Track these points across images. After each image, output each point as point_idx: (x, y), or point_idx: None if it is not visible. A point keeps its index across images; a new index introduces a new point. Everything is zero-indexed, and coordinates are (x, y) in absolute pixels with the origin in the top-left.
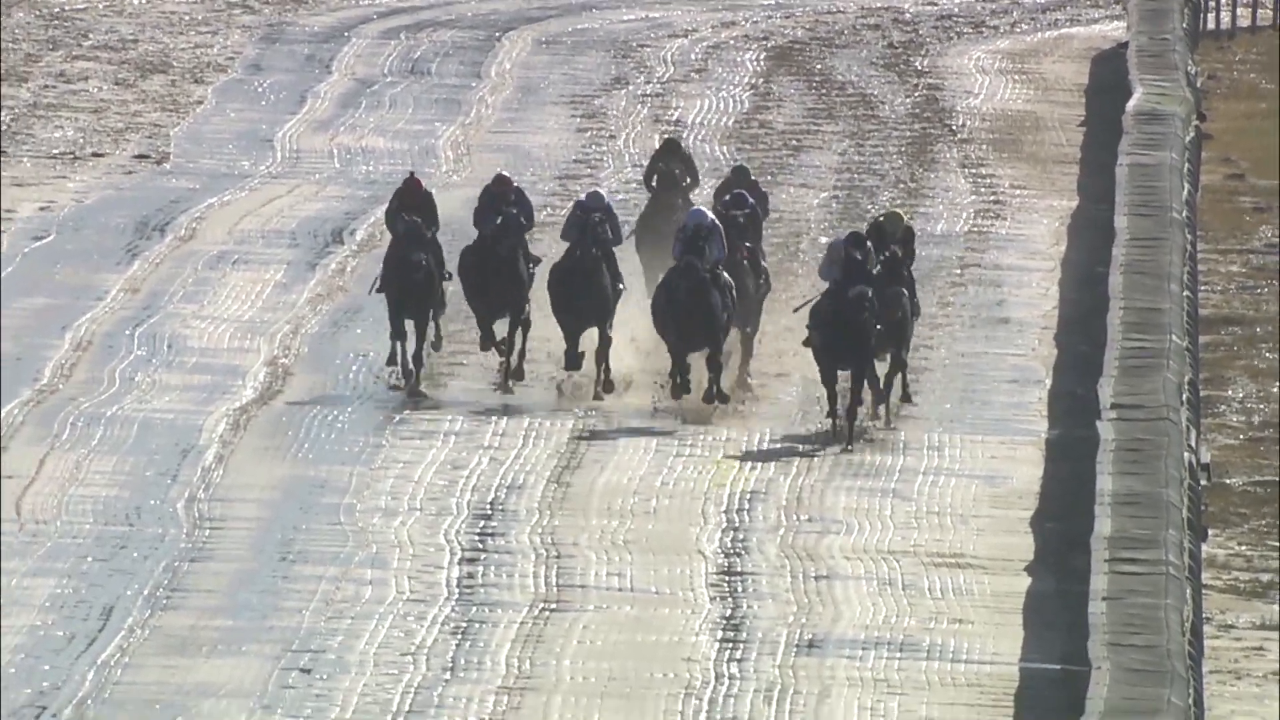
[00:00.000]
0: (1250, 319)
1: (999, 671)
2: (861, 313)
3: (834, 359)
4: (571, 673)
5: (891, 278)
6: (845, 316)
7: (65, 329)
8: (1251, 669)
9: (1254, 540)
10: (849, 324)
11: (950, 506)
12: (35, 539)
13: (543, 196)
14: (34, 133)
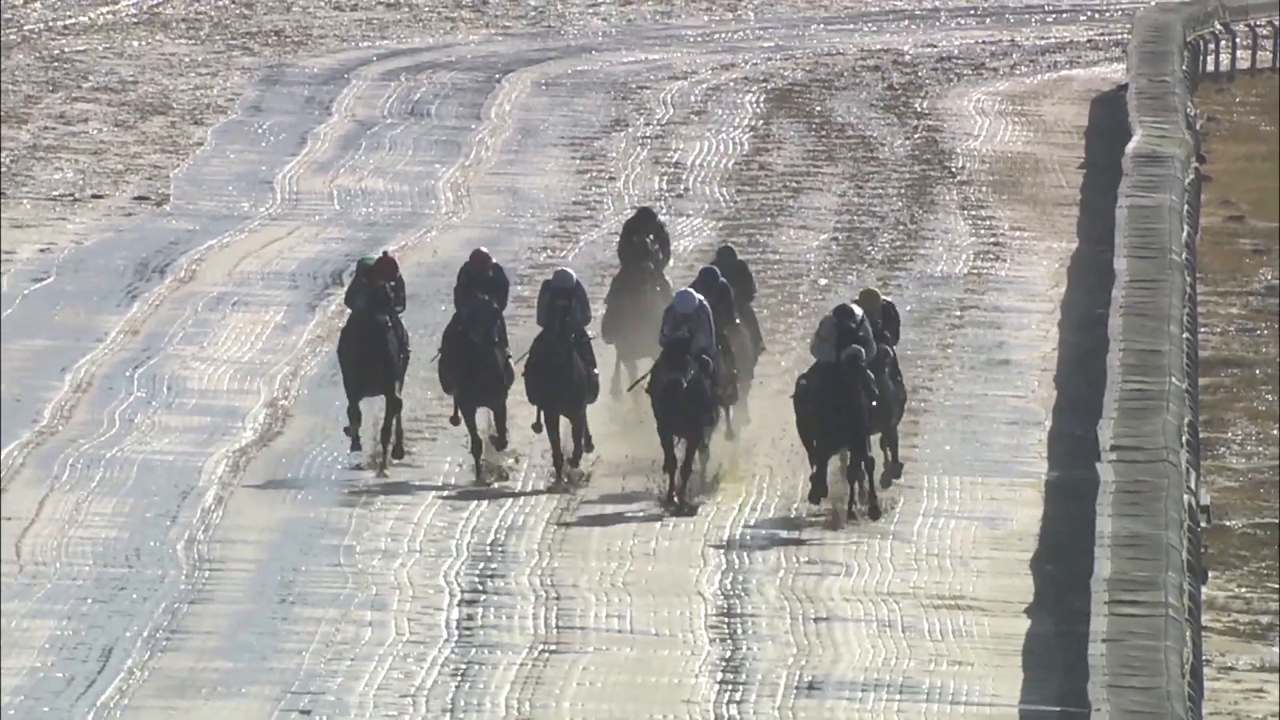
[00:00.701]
0: (1250, 361)
1: (998, 714)
2: (854, 377)
3: (825, 436)
4: (571, 714)
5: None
6: (838, 384)
7: (65, 370)
8: (1251, 711)
9: (1254, 583)
10: (841, 392)
11: (950, 548)
12: (35, 580)
13: (542, 238)
14: (34, 174)
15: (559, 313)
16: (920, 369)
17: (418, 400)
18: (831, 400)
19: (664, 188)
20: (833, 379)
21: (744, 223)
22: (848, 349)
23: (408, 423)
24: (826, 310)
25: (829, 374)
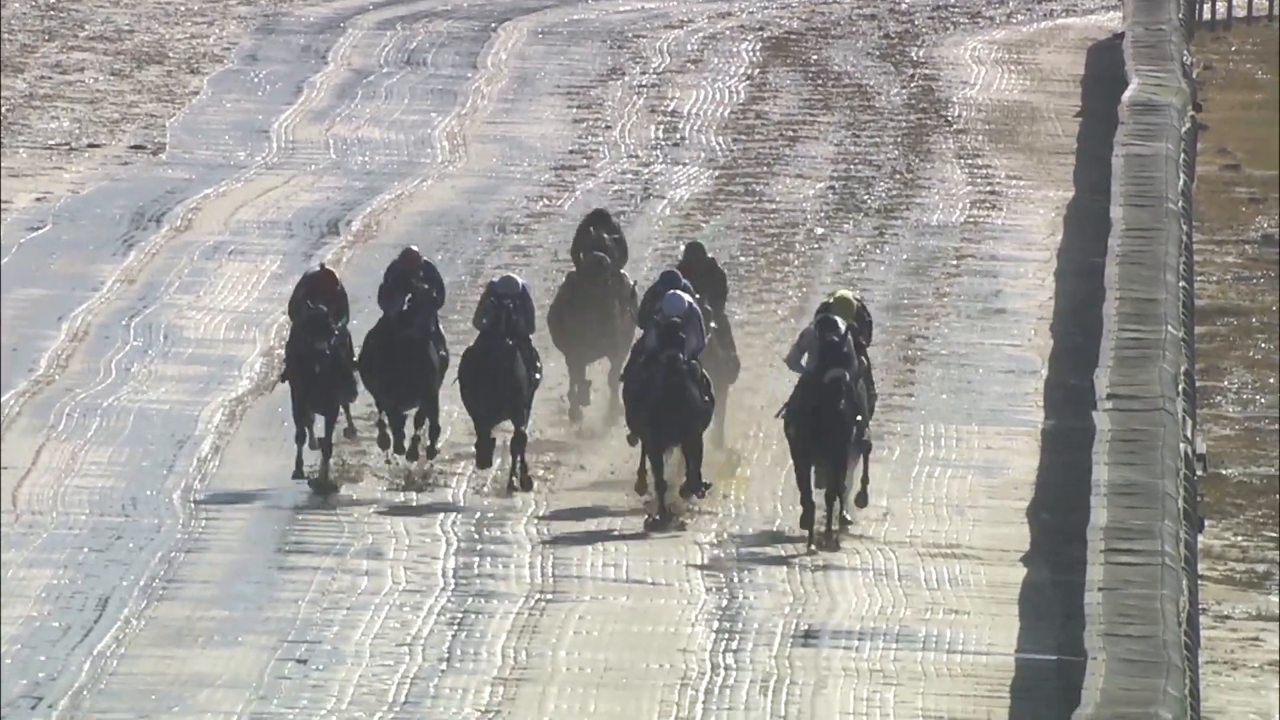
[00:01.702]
0: (1246, 310)
1: (995, 662)
2: (838, 399)
3: (810, 453)
4: (568, 663)
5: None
6: (821, 405)
7: (61, 320)
8: (1248, 660)
9: (1250, 531)
10: (826, 411)
11: (946, 497)
12: (31, 530)
13: (538, 187)
14: (30, 123)
15: (502, 313)
16: (916, 318)
17: None
18: (814, 421)
19: (660, 136)
20: (816, 400)
21: (740, 172)
22: (832, 372)
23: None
24: (819, 265)
25: (812, 394)
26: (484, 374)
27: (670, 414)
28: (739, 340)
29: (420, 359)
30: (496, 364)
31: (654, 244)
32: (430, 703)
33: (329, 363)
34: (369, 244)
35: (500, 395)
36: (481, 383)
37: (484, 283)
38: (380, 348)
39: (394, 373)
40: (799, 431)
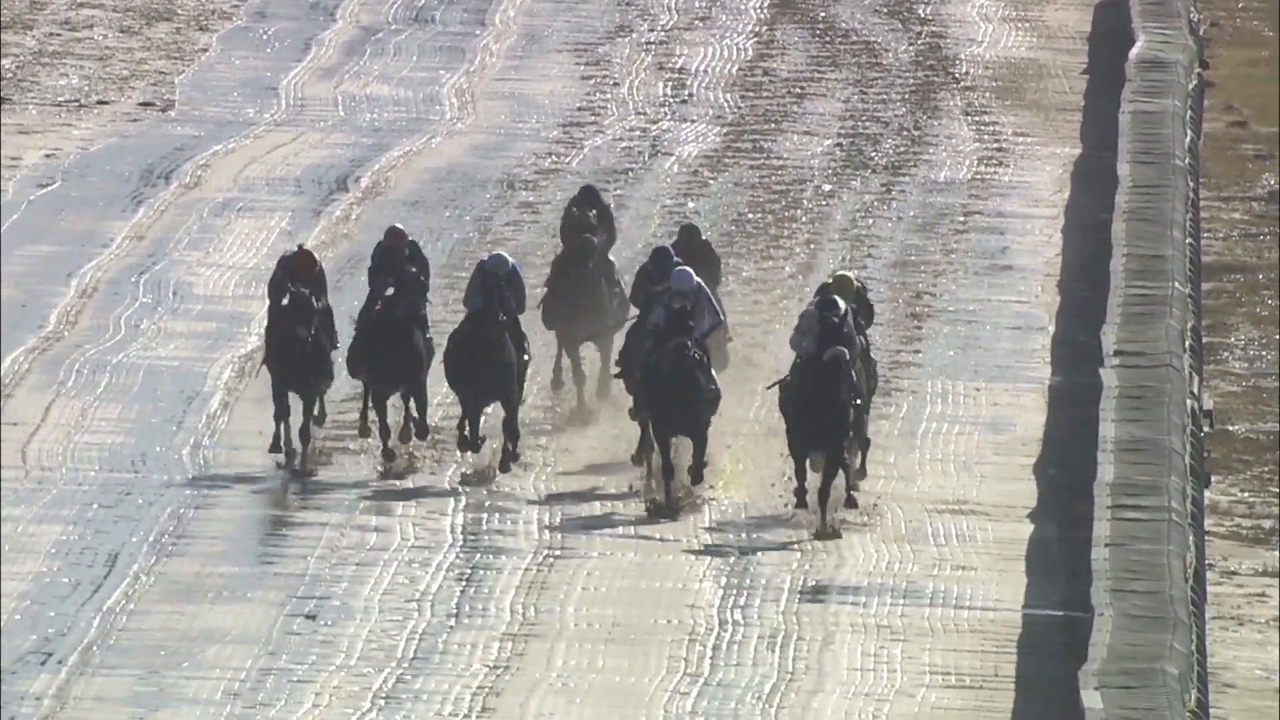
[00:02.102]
0: (1252, 266)
1: (1002, 617)
2: (838, 378)
3: (807, 437)
4: (575, 619)
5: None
6: (820, 384)
7: (70, 276)
8: (1254, 615)
9: (1256, 487)
10: (824, 392)
11: (953, 453)
12: (41, 486)
13: (546, 144)
14: (39, 80)
15: (494, 291)
16: (923, 274)
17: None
18: (812, 400)
19: (668, 94)
20: (815, 379)
21: (748, 129)
22: (831, 350)
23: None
24: (826, 217)
25: (811, 373)
26: (472, 356)
27: (679, 402)
28: (747, 297)
29: (406, 343)
30: (485, 346)
31: (662, 201)
32: (439, 658)
33: (310, 348)
34: (377, 200)
35: (489, 378)
36: (469, 365)
37: (491, 240)
38: (367, 333)
39: (381, 357)
40: (796, 411)
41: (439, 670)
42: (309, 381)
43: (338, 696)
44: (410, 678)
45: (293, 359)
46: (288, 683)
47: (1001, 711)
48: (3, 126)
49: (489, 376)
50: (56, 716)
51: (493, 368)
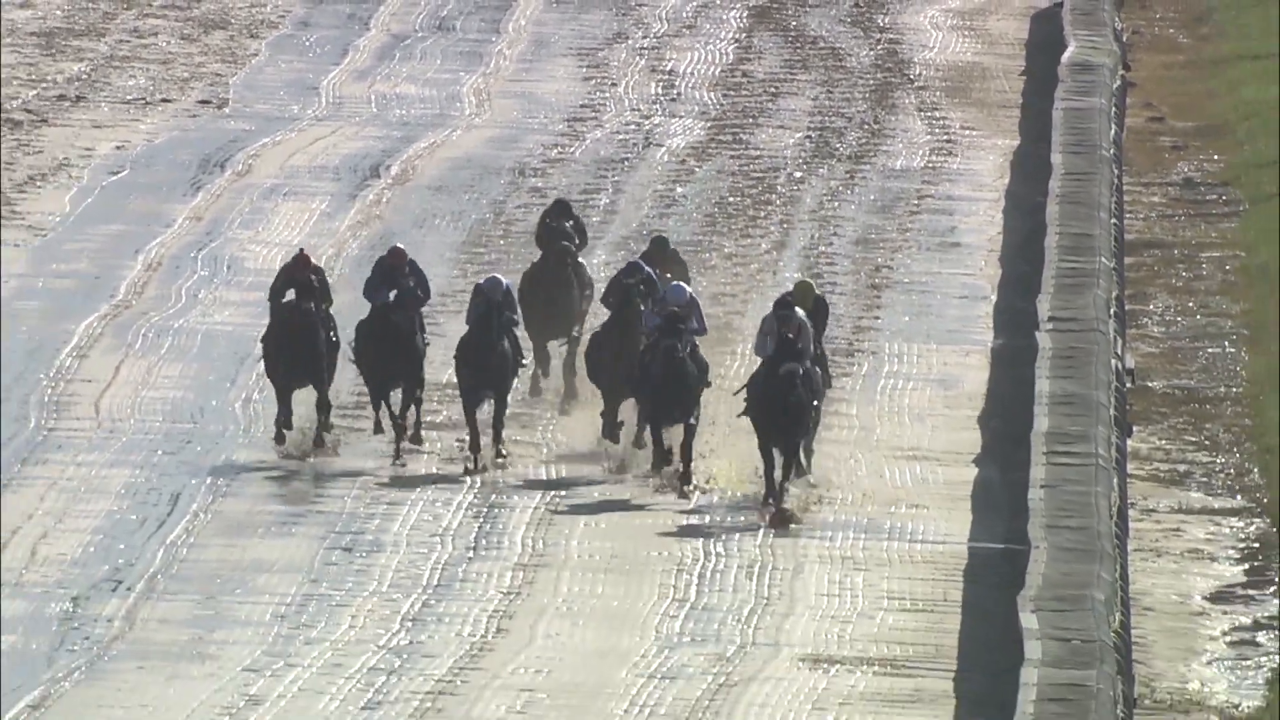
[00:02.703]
0: (1169, 243)
1: (950, 550)
2: (792, 391)
3: (768, 433)
4: (578, 551)
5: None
6: (777, 394)
7: (138, 252)
8: (1170, 548)
9: (1172, 436)
10: (780, 402)
11: (907, 406)
12: (112, 435)
13: (553, 136)
14: (110, 81)
15: (493, 309)
16: (882, 250)
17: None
18: (771, 404)
19: (659, 92)
20: (774, 389)
21: (729, 123)
22: (786, 366)
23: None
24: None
25: (771, 382)
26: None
27: (670, 397)
28: (728, 270)
29: (409, 345)
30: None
31: (654, 186)
32: (459, 585)
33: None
34: (406, 186)
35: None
36: (471, 365)
37: (505, 221)
38: (371, 335)
39: (385, 358)
40: (758, 410)
41: (459, 596)
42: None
43: (370, 619)
44: (434, 602)
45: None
46: (327, 607)
47: (950, 632)
48: (79, 122)
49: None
50: (125, 636)
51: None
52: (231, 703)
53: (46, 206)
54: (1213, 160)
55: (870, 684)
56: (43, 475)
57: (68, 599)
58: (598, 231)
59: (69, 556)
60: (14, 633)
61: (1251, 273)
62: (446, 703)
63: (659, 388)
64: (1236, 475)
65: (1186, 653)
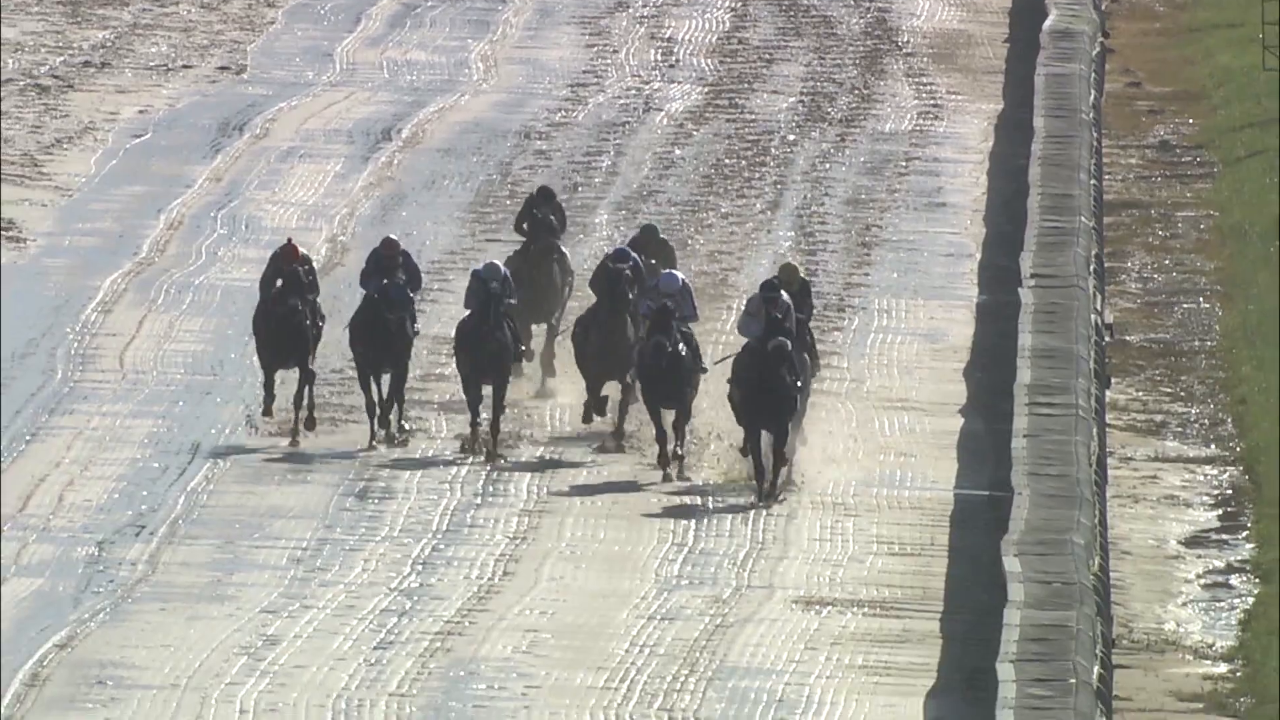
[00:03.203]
0: (1146, 203)
1: (937, 496)
2: (780, 366)
3: (754, 418)
4: (581, 498)
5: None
6: (765, 373)
7: (160, 211)
8: (1147, 494)
9: (1149, 387)
10: (768, 380)
11: (896, 359)
12: (135, 386)
13: (557, 101)
14: (134, 49)
15: (491, 296)
16: (872, 210)
17: (452, 237)
18: (759, 386)
19: (658, 59)
20: (760, 366)
21: (725, 88)
22: (775, 341)
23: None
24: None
25: (757, 360)
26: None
27: (662, 390)
28: (724, 229)
29: (400, 335)
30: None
31: (653, 149)
32: (467, 530)
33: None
34: (416, 148)
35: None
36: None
37: (512, 182)
38: (363, 325)
39: (375, 347)
40: (744, 395)
41: (467, 540)
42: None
43: (383, 562)
44: (444, 547)
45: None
46: (341, 551)
47: (936, 575)
48: (104, 87)
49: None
50: (148, 579)
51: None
52: (250, 642)
53: (73, 168)
54: (1188, 124)
55: (860, 624)
56: (69, 425)
57: (93, 543)
58: (599, 192)
59: (94, 502)
60: (42, 575)
61: (1225, 231)
62: (455, 643)
63: (651, 381)
64: (1211, 425)
65: (1162, 595)
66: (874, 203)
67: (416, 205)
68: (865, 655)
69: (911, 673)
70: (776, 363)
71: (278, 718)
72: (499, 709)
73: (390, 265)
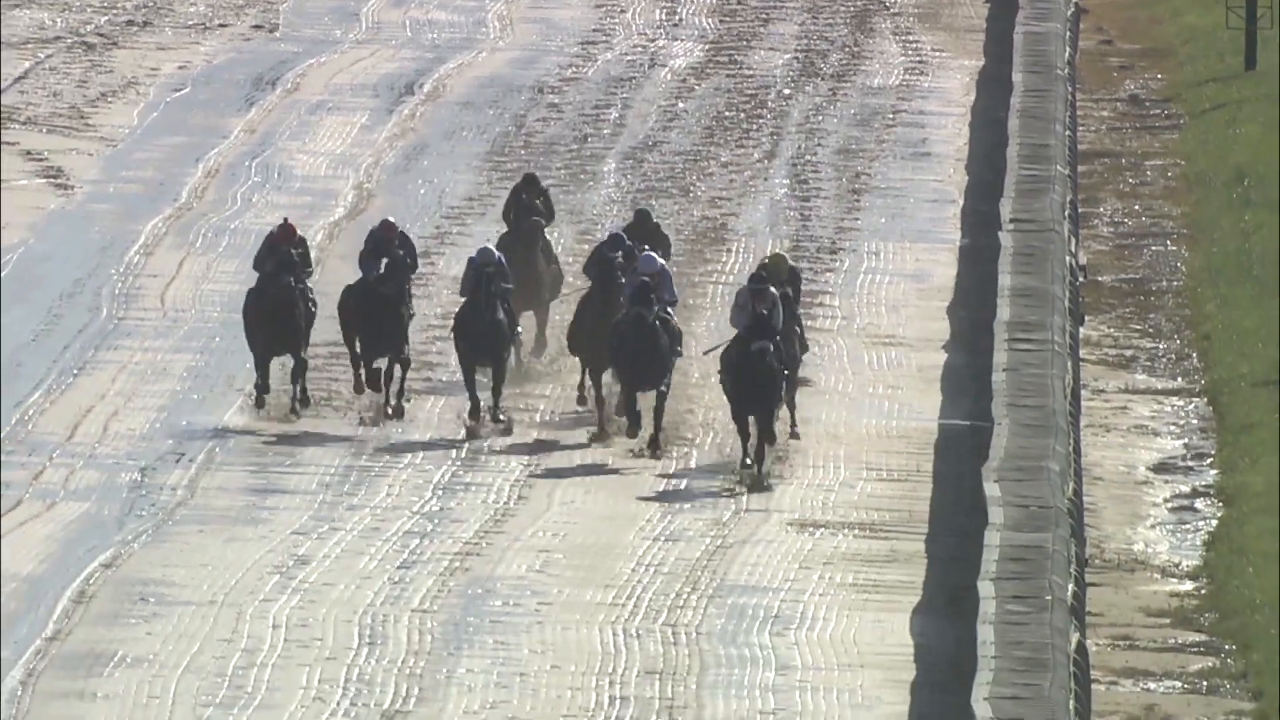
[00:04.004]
0: (1117, 153)
1: (923, 426)
2: (764, 365)
3: (741, 406)
4: (572, 462)
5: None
6: (751, 369)
7: (198, 160)
8: (1118, 424)
9: (1120, 324)
10: (754, 375)
11: (883, 298)
12: (175, 323)
13: (568, 58)
14: (173, 8)
15: (484, 279)
16: (861, 159)
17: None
18: (745, 377)
19: (663, 18)
20: (747, 360)
21: (725, 46)
22: (758, 343)
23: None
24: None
25: (744, 354)
26: (470, 329)
27: (644, 363)
28: (724, 177)
29: (395, 315)
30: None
31: (658, 102)
32: (484, 458)
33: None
34: (437, 102)
35: (486, 346)
36: (467, 335)
37: (526, 133)
38: (357, 304)
39: (372, 327)
40: (733, 384)
41: (485, 468)
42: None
43: (406, 487)
44: (462, 473)
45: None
46: (367, 477)
47: (922, 500)
48: (145, 44)
49: (485, 348)
50: (187, 503)
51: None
52: (282, 562)
53: (116, 120)
54: (1156, 79)
55: (851, 545)
56: (113, 360)
57: (136, 470)
58: (608, 142)
59: (137, 431)
60: (88, 500)
61: (1191, 179)
62: (473, 563)
63: (632, 355)
64: (1177, 359)
65: (1132, 518)
66: (863, 152)
67: (437, 155)
68: (855, 574)
69: (898, 590)
70: (759, 363)
71: (308, 632)
72: (514, 624)
73: (389, 246)
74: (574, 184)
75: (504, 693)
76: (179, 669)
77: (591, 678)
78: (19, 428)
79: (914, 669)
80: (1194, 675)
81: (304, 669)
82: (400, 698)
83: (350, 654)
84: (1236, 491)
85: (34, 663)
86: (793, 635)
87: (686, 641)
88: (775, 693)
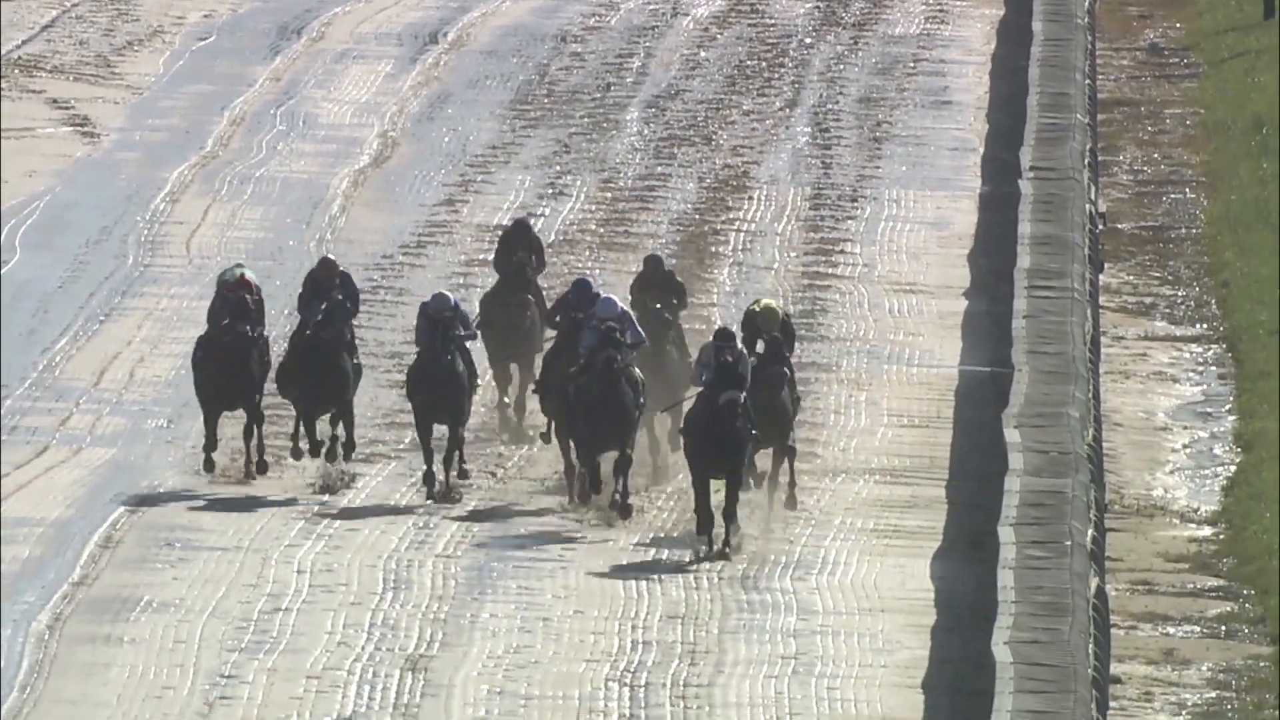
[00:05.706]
0: (1136, 101)
1: (944, 373)
2: (734, 419)
3: (706, 467)
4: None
5: (774, 359)
6: (718, 424)
7: (224, 109)
8: (1137, 370)
9: (1139, 272)
10: (722, 431)
11: (905, 245)
12: (201, 270)
13: (591, 6)
14: None
15: (440, 328)
16: (883, 107)
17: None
18: (708, 437)
19: None
20: (711, 417)
21: None
22: (726, 395)
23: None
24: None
25: (709, 411)
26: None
27: (607, 417)
28: (746, 125)
29: (335, 365)
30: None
31: (680, 51)
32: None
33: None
34: (461, 50)
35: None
36: (423, 388)
37: (549, 82)
38: (297, 355)
39: (310, 379)
40: (695, 443)
41: (507, 423)
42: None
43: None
44: (489, 418)
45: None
46: (393, 426)
47: (943, 445)
48: None
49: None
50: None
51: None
52: (306, 507)
53: (143, 69)
54: (1175, 28)
55: (873, 491)
56: (139, 306)
57: (162, 416)
58: (630, 91)
59: (163, 378)
60: (115, 445)
61: (1209, 127)
62: (497, 508)
63: (595, 405)
64: (1196, 306)
65: (1151, 463)
66: (884, 101)
67: (461, 103)
68: (876, 519)
69: (919, 535)
70: (729, 417)
71: (333, 577)
72: (537, 569)
73: (328, 287)
74: (597, 132)
75: (527, 637)
76: (205, 614)
77: (614, 622)
78: (45, 373)
79: (934, 613)
80: (1212, 620)
81: (329, 614)
82: (424, 642)
83: (375, 599)
84: (1255, 437)
85: (61, 607)
86: (814, 580)
87: (708, 586)
88: (796, 637)
